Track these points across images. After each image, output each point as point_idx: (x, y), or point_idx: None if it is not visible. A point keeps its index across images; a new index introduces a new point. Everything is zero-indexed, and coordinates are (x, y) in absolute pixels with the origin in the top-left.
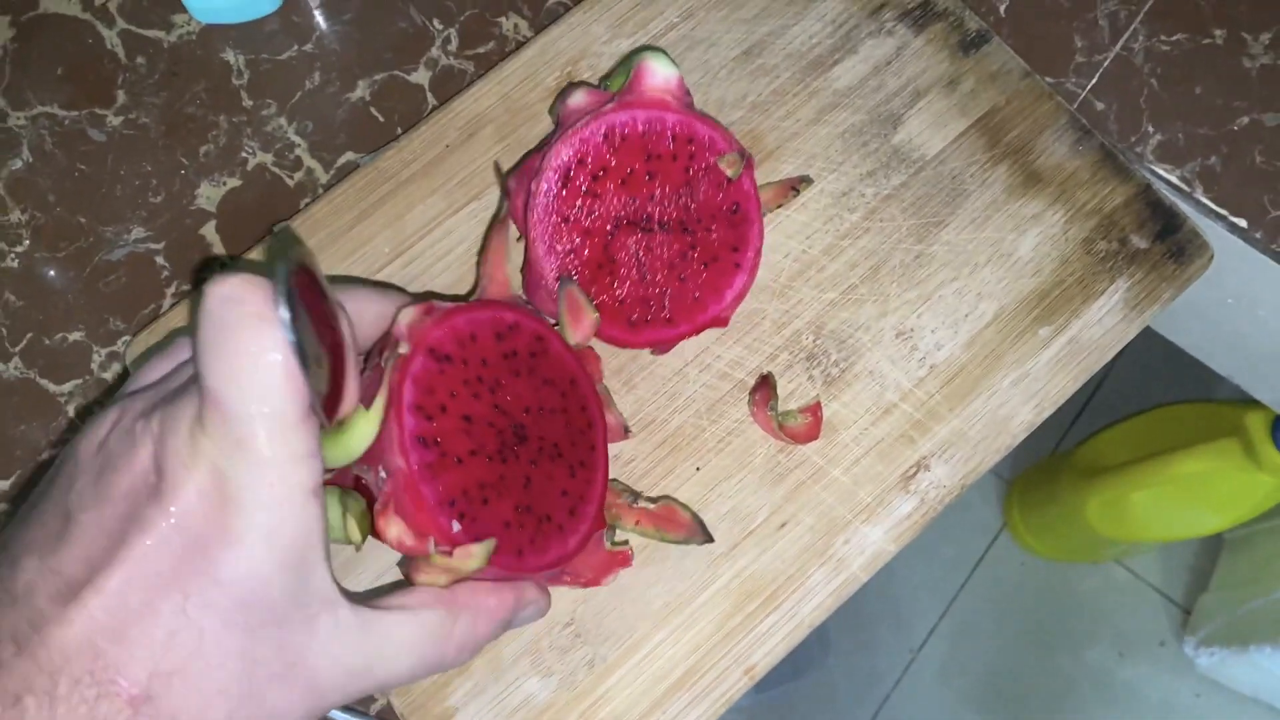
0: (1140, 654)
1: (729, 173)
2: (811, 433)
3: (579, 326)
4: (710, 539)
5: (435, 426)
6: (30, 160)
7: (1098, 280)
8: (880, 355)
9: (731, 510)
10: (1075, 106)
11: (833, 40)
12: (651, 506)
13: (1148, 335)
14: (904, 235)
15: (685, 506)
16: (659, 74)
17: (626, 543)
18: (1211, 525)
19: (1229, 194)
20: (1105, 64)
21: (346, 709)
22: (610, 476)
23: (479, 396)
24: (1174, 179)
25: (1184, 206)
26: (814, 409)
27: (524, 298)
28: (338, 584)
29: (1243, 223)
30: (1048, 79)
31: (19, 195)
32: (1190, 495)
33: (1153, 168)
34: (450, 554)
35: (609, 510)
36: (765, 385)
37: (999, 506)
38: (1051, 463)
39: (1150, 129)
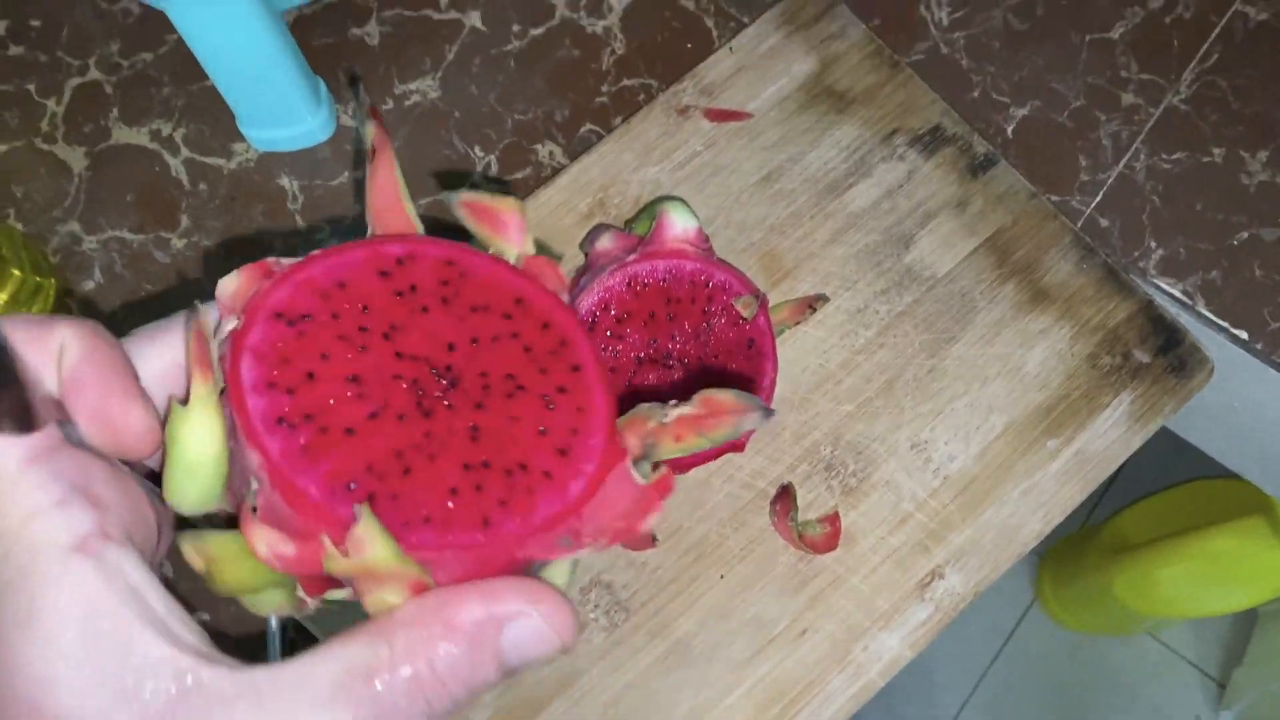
0: None
1: (744, 313)
2: (830, 542)
3: (506, 230)
4: (770, 412)
5: (299, 401)
6: (101, 281)
7: (1102, 393)
8: (896, 466)
9: (754, 617)
10: (1080, 223)
11: (847, 165)
12: (687, 410)
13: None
14: (917, 350)
15: (722, 390)
16: (678, 225)
17: (661, 466)
18: (1240, 602)
19: (1229, 307)
20: (1109, 182)
21: None
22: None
23: (368, 349)
24: (1176, 292)
25: (1186, 318)
26: (833, 519)
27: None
28: (201, 645)
29: (1243, 334)
30: (1053, 197)
31: (90, 314)
32: (1218, 572)
33: (1155, 281)
34: (343, 556)
35: (641, 440)
36: (785, 496)
37: (1030, 579)
38: (1080, 537)
39: (1153, 244)
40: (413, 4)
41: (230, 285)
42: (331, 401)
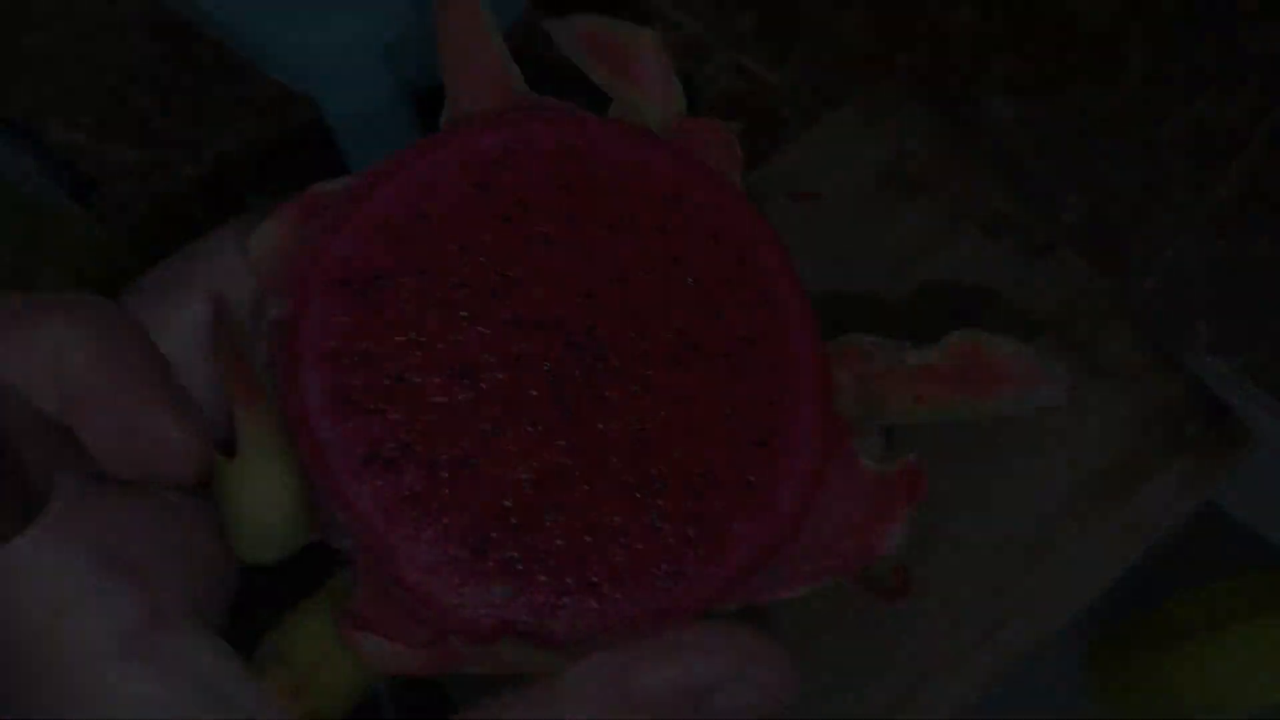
0: None
1: None
2: (899, 592)
3: (641, 77)
4: (1070, 385)
5: (392, 423)
6: None
7: (1154, 462)
8: (961, 522)
9: (826, 659)
10: (1135, 305)
11: (915, 245)
12: (933, 358)
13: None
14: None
15: (991, 335)
16: None
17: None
18: None
19: (1277, 385)
20: (1162, 266)
21: None
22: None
23: (474, 319)
24: (1225, 371)
25: (1235, 396)
26: (901, 570)
27: (539, 98)
28: None
29: None
30: (1109, 279)
31: None
32: (1275, 662)
33: (1205, 360)
34: (483, 652)
35: (858, 381)
36: None
37: (1079, 662)
38: (1131, 623)
39: (1202, 326)
40: None
41: (267, 241)
42: (436, 417)
